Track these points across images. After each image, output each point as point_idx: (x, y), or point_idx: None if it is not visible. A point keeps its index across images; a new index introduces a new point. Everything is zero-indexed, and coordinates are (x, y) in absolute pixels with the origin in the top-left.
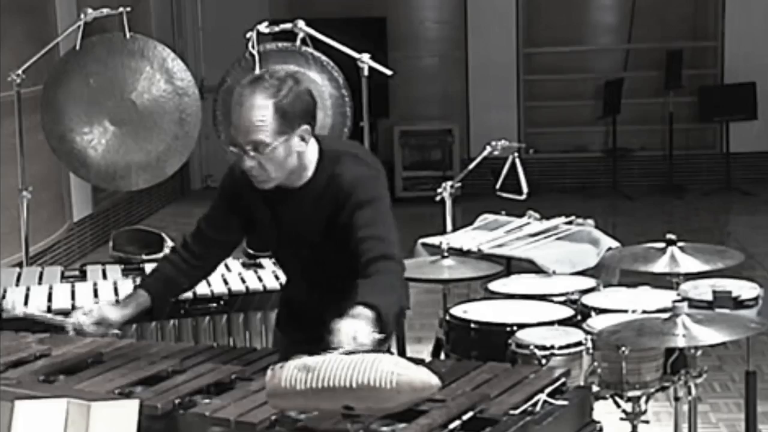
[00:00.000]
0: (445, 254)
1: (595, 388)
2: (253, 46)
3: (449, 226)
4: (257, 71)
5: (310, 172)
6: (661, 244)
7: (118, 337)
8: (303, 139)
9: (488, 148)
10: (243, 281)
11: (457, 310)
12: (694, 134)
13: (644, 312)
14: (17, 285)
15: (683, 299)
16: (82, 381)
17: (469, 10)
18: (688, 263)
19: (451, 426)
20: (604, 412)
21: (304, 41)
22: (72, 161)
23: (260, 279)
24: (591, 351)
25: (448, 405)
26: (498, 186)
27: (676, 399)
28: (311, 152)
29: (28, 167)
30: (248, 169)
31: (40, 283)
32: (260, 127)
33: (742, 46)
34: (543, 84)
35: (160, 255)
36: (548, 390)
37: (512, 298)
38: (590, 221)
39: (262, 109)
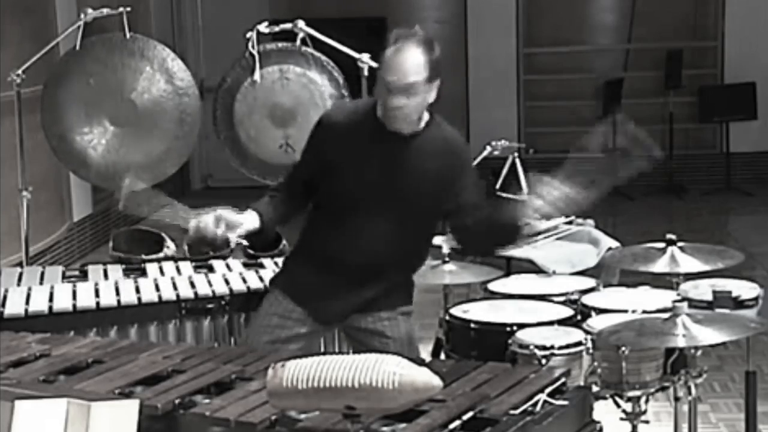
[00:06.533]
0: (446, 259)
1: (595, 388)
2: (253, 46)
3: None
4: (257, 74)
5: (422, 125)
6: (661, 244)
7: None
8: (434, 93)
9: (488, 148)
10: (244, 281)
11: (457, 310)
12: (694, 134)
13: (644, 312)
14: (18, 285)
15: (683, 299)
16: (82, 381)
17: (469, 10)
18: (688, 263)
19: (451, 426)
20: (604, 412)
21: (304, 41)
22: (72, 161)
23: (261, 279)
24: (591, 351)
25: (448, 405)
26: (498, 186)
27: (676, 399)
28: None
29: (28, 167)
30: (395, 107)
31: (41, 283)
32: (418, 71)
33: (742, 46)
34: (543, 84)
35: (161, 255)
36: (548, 390)
37: (512, 298)
38: (590, 221)
39: (420, 57)
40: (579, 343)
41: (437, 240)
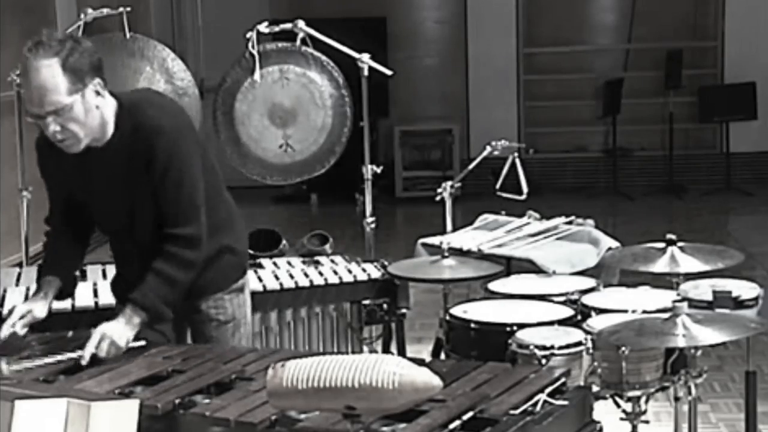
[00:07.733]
0: (446, 254)
1: (595, 388)
2: (253, 46)
3: (449, 226)
4: (257, 74)
5: (111, 127)
6: (661, 244)
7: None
8: (98, 93)
9: (488, 148)
10: None
11: (457, 310)
12: (694, 134)
13: (644, 312)
14: (17, 285)
15: (683, 299)
16: (82, 381)
17: (469, 10)
18: (688, 263)
19: (451, 426)
20: (604, 412)
21: (304, 41)
22: None
23: (260, 279)
24: (591, 351)
25: (448, 405)
26: (498, 186)
27: (676, 399)
28: (110, 107)
29: (28, 167)
30: (53, 136)
31: None
32: (53, 89)
33: (742, 46)
34: (543, 84)
35: None
36: (548, 390)
37: (512, 298)
38: (590, 221)
39: (49, 70)
40: (579, 343)
41: (435, 238)
